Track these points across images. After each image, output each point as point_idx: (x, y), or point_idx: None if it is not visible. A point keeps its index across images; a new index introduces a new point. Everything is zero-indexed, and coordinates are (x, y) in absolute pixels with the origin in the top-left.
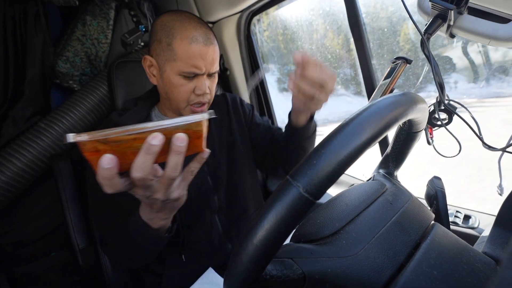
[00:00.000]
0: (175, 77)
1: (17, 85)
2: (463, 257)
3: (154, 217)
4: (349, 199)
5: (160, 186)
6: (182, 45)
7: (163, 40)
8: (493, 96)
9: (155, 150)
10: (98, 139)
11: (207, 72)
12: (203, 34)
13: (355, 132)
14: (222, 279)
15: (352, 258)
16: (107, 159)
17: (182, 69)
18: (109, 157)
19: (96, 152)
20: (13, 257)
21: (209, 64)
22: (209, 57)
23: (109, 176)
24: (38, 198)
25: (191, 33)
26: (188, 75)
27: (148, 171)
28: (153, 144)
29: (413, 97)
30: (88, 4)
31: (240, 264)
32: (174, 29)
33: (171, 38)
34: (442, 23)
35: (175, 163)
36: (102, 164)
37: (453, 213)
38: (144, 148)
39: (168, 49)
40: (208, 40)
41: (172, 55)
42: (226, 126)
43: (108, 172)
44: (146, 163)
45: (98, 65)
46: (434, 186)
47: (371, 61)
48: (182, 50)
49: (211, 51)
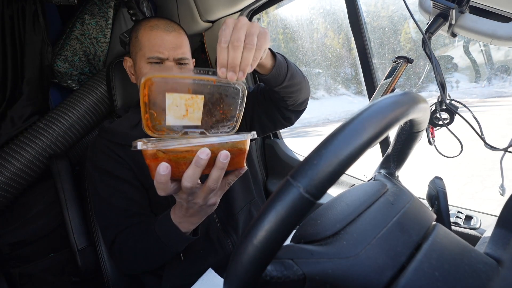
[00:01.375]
0: (144, 65)
1: (16, 85)
2: (464, 258)
3: (185, 221)
4: (350, 200)
5: (201, 194)
6: (145, 33)
7: (133, 36)
8: (495, 95)
9: (203, 163)
10: (160, 149)
11: (171, 57)
12: (165, 23)
13: (356, 132)
14: (222, 279)
15: (353, 259)
16: (164, 167)
17: (147, 54)
18: (166, 165)
19: (156, 159)
20: (11, 258)
21: (171, 49)
22: (171, 43)
23: (164, 181)
24: (37, 199)
25: (153, 22)
26: (153, 60)
27: (196, 181)
28: (201, 158)
29: (415, 97)
30: (87, 3)
31: (240, 265)
32: (141, 24)
33: (138, 31)
34: (444, 22)
35: (217, 177)
36: (160, 170)
37: (454, 214)
38: (194, 161)
39: (136, 41)
40: (169, 27)
41: (139, 45)
42: None
43: (163, 178)
44: (195, 174)
45: (97, 65)
46: (436, 187)
47: (372, 60)
48: (145, 37)
49: (173, 37)
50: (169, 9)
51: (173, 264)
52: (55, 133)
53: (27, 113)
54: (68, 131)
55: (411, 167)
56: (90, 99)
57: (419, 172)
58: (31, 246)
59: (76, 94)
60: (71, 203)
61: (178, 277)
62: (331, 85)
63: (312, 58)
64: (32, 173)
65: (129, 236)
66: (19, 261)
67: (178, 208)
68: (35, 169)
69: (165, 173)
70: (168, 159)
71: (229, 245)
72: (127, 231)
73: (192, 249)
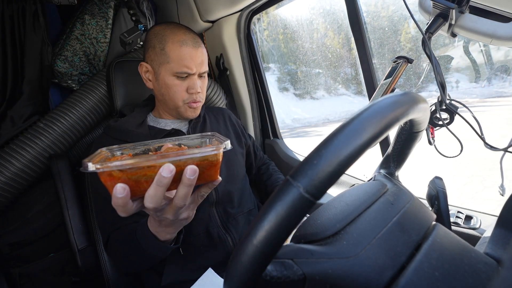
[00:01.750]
0: (170, 77)
1: (16, 85)
2: (464, 258)
3: (161, 230)
4: (350, 200)
5: (170, 209)
6: (174, 48)
7: (156, 46)
8: (495, 95)
9: (166, 182)
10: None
11: (198, 72)
12: (192, 38)
13: (356, 132)
14: (221, 279)
15: (353, 259)
16: (120, 189)
17: (175, 69)
18: (122, 186)
19: (111, 178)
20: (11, 258)
21: (198, 64)
22: (199, 58)
23: (122, 203)
24: (37, 199)
25: (181, 37)
26: (180, 75)
27: (160, 202)
28: (164, 176)
29: (414, 97)
30: (87, 3)
31: (240, 265)
32: (166, 35)
33: (164, 43)
34: (444, 22)
35: (184, 194)
36: (116, 193)
37: (454, 214)
38: (156, 180)
39: (161, 53)
40: (196, 43)
41: (166, 58)
42: (223, 128)
43: (121, 201)
44: (158, 195)
45: (97, 65)
46: (436, 187)
47: (372, 60)
48: (174, 52)
49: (200, 53)
50: (169, 9)
51: (173, 260)
52: (55, 133)
53: (27, 113)
54: (68, 131)
55: (411, 167)
56: (90, 99)
57: (419, 172)
58: (31, 246)
59: (76, 94)
60: (71, 203)
61: (178, 273)
62: (331, 85)
63: (312, 58)
64: (32, 173)
65: (118, 237)
66: (19, 261)
67: (152, 220)
68: (35, 169)
69: (122, 196)
70: (126, 178)
71: (229, 242)
72: (119, 231)
73: (192, 245)
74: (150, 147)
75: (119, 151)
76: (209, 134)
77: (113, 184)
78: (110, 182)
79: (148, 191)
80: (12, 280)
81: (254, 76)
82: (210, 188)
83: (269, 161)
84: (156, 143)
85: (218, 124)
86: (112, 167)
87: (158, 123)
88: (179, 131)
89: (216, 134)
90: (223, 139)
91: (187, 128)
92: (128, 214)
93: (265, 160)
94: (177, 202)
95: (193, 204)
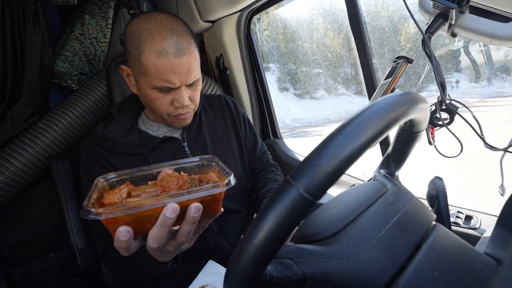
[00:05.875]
0: (150, 91)
1: (16, 85)
2: (464, 258)
3: (160, 255)
4: (350, 200)
5: (172, 243)
6: (151, 59)
7: (132, 53)
8: (495, 95)
9: (170, 222)
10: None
11: (183, 84)
12: (174, 44)
13: (356, 132)
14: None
15: (353, 259)
16: (124, 232)
17: (155, 84)
18: (126, 229)
19: (114, 221)
20: (11, 258)
21: (184, 75)
22: (183, 68)
23: (125, 246)
24: (37, 199)
25: (160, 44)
26: (162, 89)
27: (163, 241)
28: (168, 217)
29: (414, 97)
30: (87, 3)
31: (240, 265)
32: (142, 41)
33: (139, 51)
34: (444, 22)
35: (188, 231)
36: (119, 236)
37: (454, 214)
38: (160, 221)
39: (138, 63)
40: (179, 50)
41: (143, 69)
42: (221, 125)
43: (124, 243)
44: (162, 235)
45: (97, 65)
46: (436, 186)
47: (372, 60)
48: (151, 64)
49: (185, 62)
50: (169, 9)
51: None
52: (55, 133)
53: (27, 113)
54: (68, 131)
55: (411, 167)
56: (90, 99)
57: (419, 172)
58: (31, 246)
59: (76, 94)
60: (71, 203)
61: (176, 277)
62: (331, 85)
63: (312, 58)
64: (32, 173)
65: (115, 254)
66: (19, 261)
67: None
68: (35, 169)
69: (126, 239)
70: (129, 220)
71: (226, 247)
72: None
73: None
74: (147, 174)
75: (115, 178)
76: (208, 158)
77: (116, 227)
78: (112, 225)
79: (152, 231)
80: (12, 280)
81: (254, 76)
82: (212, 219)
83: (273, 168)
84: (154, 168)
85: (216, 121)
86: (116, 214)
87: (150, 127)
88: (172, 138)
89: (215, 159)
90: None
91: (180, 133)
92: (130, 254)
93: (268, 165)
94: (180, 238)
95: (194, 235)
